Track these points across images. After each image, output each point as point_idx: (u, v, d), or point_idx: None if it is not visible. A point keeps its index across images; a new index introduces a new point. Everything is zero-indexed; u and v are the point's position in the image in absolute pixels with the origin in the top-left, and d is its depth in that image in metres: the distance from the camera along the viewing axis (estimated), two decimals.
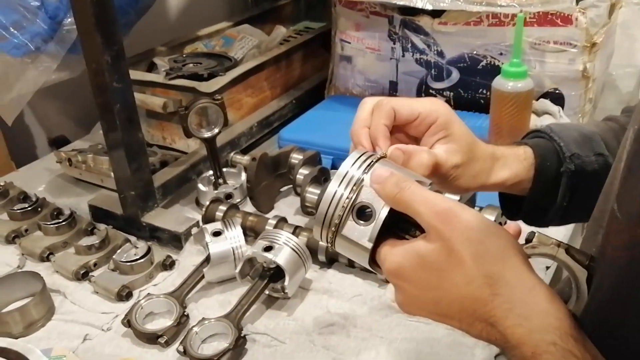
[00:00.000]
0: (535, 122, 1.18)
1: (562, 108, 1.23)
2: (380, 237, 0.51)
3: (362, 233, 0.52)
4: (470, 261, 0.46)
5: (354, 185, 0.52)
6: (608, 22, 1.25)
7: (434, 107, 0.59)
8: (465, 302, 0.47)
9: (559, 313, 0.45)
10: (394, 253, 0.50)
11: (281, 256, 0.88)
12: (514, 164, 0.64)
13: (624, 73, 1.48)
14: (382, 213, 0.51)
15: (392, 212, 0.51)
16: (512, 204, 0.69)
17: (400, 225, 0.52)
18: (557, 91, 1.25)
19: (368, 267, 0.54)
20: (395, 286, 0.52)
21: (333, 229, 0.53)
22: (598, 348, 0.44)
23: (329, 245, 0.55)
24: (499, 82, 1.11)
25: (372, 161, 0.54)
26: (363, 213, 0.52)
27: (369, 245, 0.51)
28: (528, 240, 0.51)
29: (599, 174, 0.63)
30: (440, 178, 0.58)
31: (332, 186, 0.53)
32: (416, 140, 0.62)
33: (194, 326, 0.83)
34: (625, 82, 1.48)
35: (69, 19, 1.09)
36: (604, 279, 0.45)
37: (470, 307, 0.47)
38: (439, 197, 0.49)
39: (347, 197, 0.52)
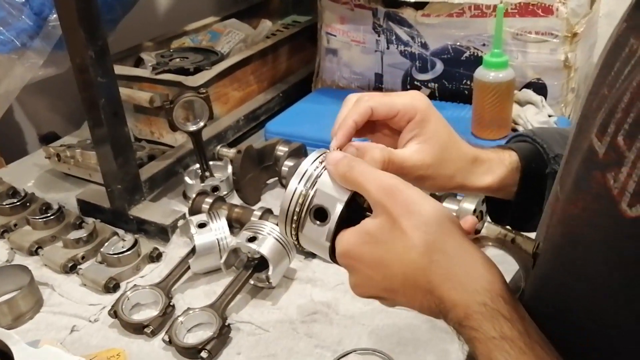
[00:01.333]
0: (517, 112, 1.19)
1: (545, 98, 1.24)
2: (337, 232, 0.53)
3: (320, 233, 0.53)
4: (410, 231, 0.48)
5: (312, 183, 0.54)
6: (589, 12, 1.26)
7: (414, 104, 0.60)
8: (407, 272, 0.49)
9: (492, 277, 0.48)
10: (345, 236, 0.52)
11: (265, 246, 0.89)
12: (498, 168, 0.64)
13: None
14: (336, 211, 0.53)
15: (347, 207, 0.53)
16: (499, 207, 0.69)
17: (354, 218, 0.53)
18: (539, 81, 1.26)
19: (331, 262, 0.55)
20: (347, 268, 0.54)
21: (294, 226, 0.54)
22: (539, 321, 0.46)
23: (295, 242, 0.56)
24: (480, 73, 1.13)
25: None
26: (320, 212, 0.54)
27: (327, 245, 0.53)
28: (477, 231, 0.53)
29: None
30: (411, 177, 0.59)
31: (292, 185, 0.54)
32: (398, 134, 0.62)
33: (179, 316, 0.85)
34: None
35: (54, 15, 1.10)
36: (544, 255, 0.47)
37: (412, 277, 0.49)
38: (385, 175, 0.51)
39: (305, 196, 0.54)
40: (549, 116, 1.18)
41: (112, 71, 0.99)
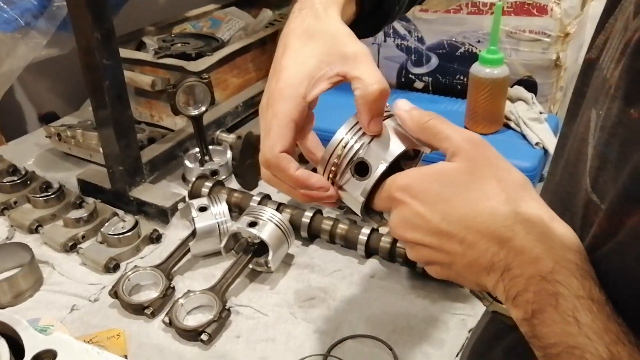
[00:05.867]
0: (509, 107, 1.17)
1: (535, 95, 1.22)
2: (375, 189, 0.51)
3: (357, 186, 0.51)
4: (494, 181, 0.45)
5: (360, 136, 0.51)
6: (580, 13, 1.24)
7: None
8: (479, 217, 0.44)
9: (578, 241, 0.44)
10: (406, 172, 0.49)
11: (265, 231, 0.86)
12: None
13: None
14: (379, 169, 0.50)
15: (391, 168, 0.50)
16: None
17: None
18: (530, 78, 1.23)
19: (360, 212, 0.53)
20: (397, 203, 0.48)
21: (332, 175, 0.52)
22: None
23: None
24: (476, 69, 1.10)
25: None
26: (362, 167, 0.51)
27: (362, 200, 0.51)
28: None
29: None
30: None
31: (340, 133, 0.52)
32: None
33: (179, 298, 0.81)
34: None
35: None
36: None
37: (482, 223, 0.44)
38: (466, 130, 0.49)
39: (350, 147, 0.51)
40: (540, 113, 1.16)
41: (118, 54, 0.95)
